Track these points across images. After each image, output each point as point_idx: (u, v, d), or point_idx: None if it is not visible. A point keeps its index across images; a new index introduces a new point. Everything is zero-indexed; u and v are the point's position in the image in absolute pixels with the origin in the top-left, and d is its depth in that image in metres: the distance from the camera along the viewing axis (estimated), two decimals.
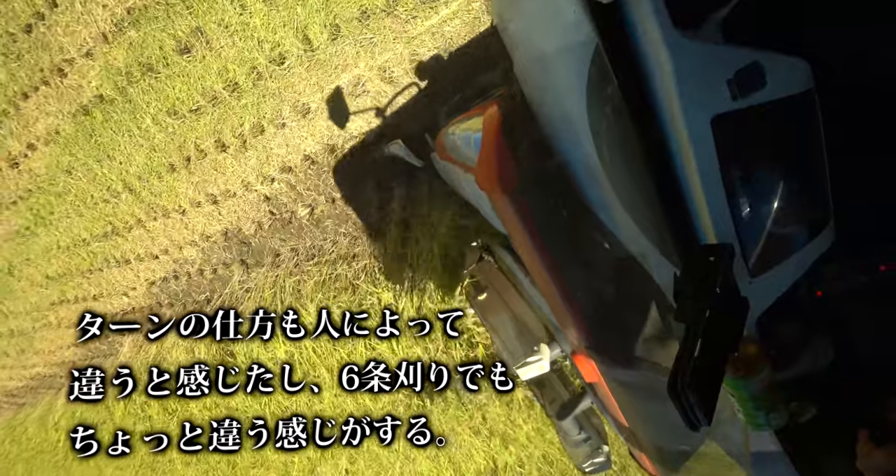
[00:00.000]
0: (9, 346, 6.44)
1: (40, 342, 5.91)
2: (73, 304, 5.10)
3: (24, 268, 5.27)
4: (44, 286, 5.23)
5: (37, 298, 5.46)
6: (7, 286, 5.77)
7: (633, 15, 0.59)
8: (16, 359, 6.47)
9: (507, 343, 1.69)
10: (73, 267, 4.75)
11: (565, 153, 0.86)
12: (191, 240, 3.70)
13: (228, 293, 3.62)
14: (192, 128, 3.11)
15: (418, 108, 2.39)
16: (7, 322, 6.22)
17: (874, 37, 0.77)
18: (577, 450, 1.74)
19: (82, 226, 4.31)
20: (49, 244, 4.77)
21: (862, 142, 0.83)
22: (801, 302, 0.85)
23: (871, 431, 0.77)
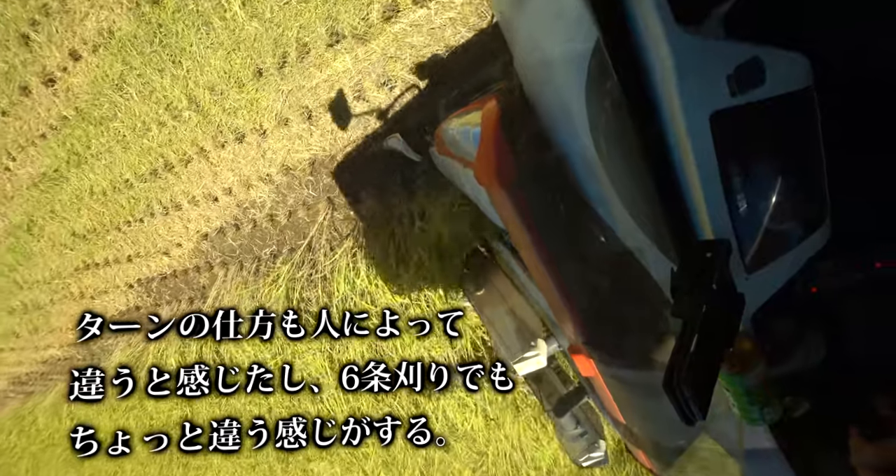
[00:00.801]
0: (20, 324, 5.77)
1: (57, 318, 5.23)
2: (102, 270, 4.49)
3: (47, 223, 4.53)
4: (69, 246, 4.52)
5: (58, 263, 4.75)
6: (24, 248, 4.98)
7: (635, 9, 0.58)
8: (27, 339, 5.81)
9: (504, 338, 1.70)
10: (108, 219, 4.03)
11: (564, 147, 0.86)
12: (265, 174, 2.88)
13: (303, 247, 2.90)
14: (298, 14, 2.27)
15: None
16: (20, 294, 5.51)
17: (874, 32, 0.77)
18: (574, 445, 1.75)
19: (126, 162, 3.51)
20: (80, 190, 3.99)
21: (860, 139, 0.83)
22: (797, 298, 0.85)
23: (862, 427, 0.77)
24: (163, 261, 3.96)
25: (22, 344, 5.99)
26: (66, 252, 4.59)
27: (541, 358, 1.55)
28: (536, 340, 1.56)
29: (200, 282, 3.78)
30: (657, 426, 1.11)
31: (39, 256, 4.90)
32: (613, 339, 1.01)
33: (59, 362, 5.56)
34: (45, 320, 5.43)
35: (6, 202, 4.75)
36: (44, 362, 5.78)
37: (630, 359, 1.01)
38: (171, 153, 3.20)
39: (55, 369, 5.64)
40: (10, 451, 6.56)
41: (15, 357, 6.19)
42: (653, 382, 0.69)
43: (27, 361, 6.04)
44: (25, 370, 6.13)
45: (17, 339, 6.00)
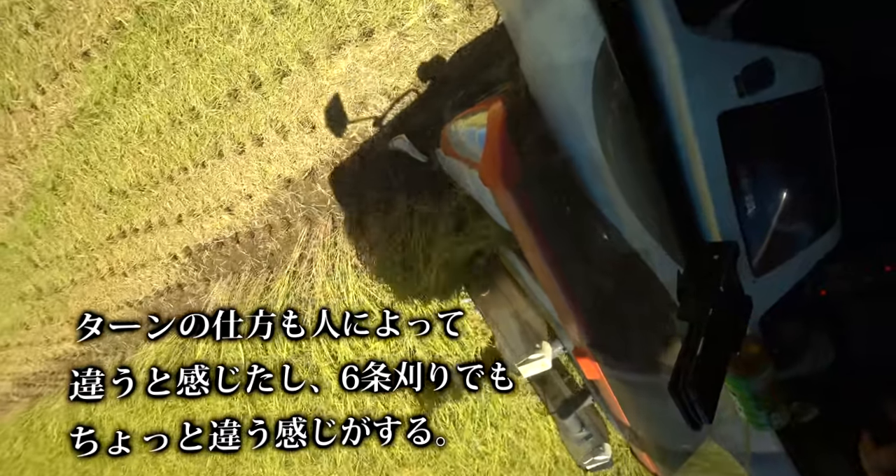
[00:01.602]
0: (32, 313, 4.87)
1: (78, 303, 4.33)
2: (142, 237, 3.59)
3: (77, 178, 3.62)
4: (102, 207, 3.63)
5: (86, 231, 3.86)
6: (45, 214, 4.02)
7: (642, 10, 0.58)
8: (38, 331, 4.93)
9: (509, 340, 1.70)
10: (159, 166, 3.12)
11: (570, 149, 0.86)
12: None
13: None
14: None
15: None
16: (34, 275, 4.57)
17: (884, 32, 0.76)
18: (579, 447, 1.75)
19: (194, 82, 2.64)
20: (126, 129, 3.10)
21: (871, 140, 0.82)
22: (805, 301, 0.84)
23: (873, 431, 0.76)
24: (222, 220, 3.02)
25: (32, 337, 5.14)
26: (98, 216, 3.69)
27: (545, 360, 1.55)
28: (541, 343, 1.56)
29: (268, 247, 2.96)
30: (662, 430, 1.10)
31: (63, 224, 3.97)
32: (618, 342, 1.01)
33: (74, 358, 4.72)
34: (61, 307, 4.57)
35: (28, 154, 3.81)
36: (56, 359, 4.99)
37: (635, 362, 1.00)
38: (262, 63, 2.32)
39: (68, 366, 4.83)
40: (12, 461, 5.82)
41: (22, 354, 5.37)
42: (658, 385, 0.69)
43: (36, 359, 5.23)
44: (33, 369, 5.38)
45: (26, 331, 5.14)
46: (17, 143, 3.90)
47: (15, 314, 5.15)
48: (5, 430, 6.08)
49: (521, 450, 2.58)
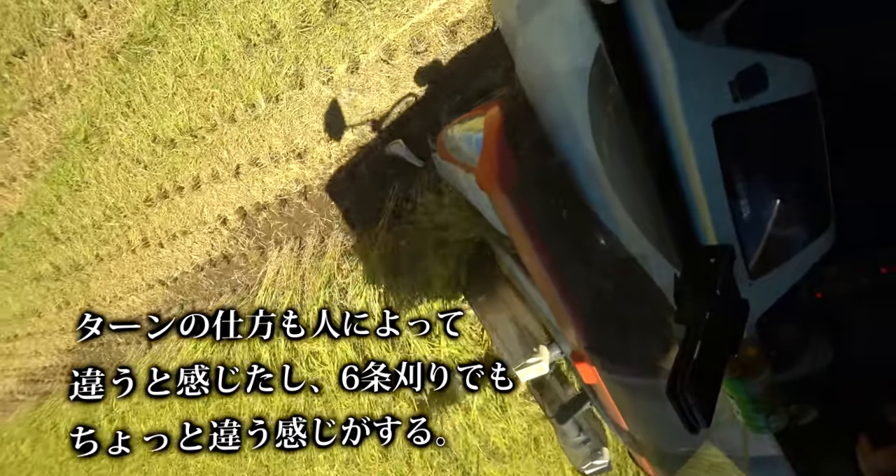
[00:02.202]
0: (46, 297, 4.27)
1: (101, 283, 3.81)
2: (186, 197, 2.97)
3: (115, 126, 3.00)
4: (142, 162, 3.05)
5: (119, 193, 3.24)
6: (72, 171, 3.39)
7: (636, 15, 0.59)
8: (52, 319, 4.33)
9: (506, 344, 1.69)
10: (219, 104, 2.58)
11: (566, 153, 0.86)
12: None
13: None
14: None
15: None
16: (53, 251, 3.94)
17: (877, 37, 0.77)
18: (577, 452, 1.74)
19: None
20: (183, 59, 2.56)
21: (864, 144, 0.83)
22: (802, 304, 0.85)
23: (871, 434, 0.76)
24: (290, 171, 2.47)
25: (44, 326, 4.48)
26: (136, 173, 3.05)
27: (543, 364, 1.54)
28: (539, 347, 1.55)
29: (344, 203, 2.55)
30: (661, 433, 1.10)
31: (93, 185, 3.33)
32: (616, 346, 1.01)
33: (91, 350, 4.12)
34: (81, 289, 3.95)
35: (58, 97, 3.13)
36: (69, 351, 4.37)
37: (633, 365, 1.00)
38: None
39: (84, 360, 4.24)
40: (17, 465, 5.25)
41: (32, 345, 4.71)
42: (656, 389, 0.69)
43: (48, 351, 4.57)
44: (43, 363, 4.72)
45: (37, 319, 4.50)
46: (45, 84, 3.16)
47: (27, 299, 4.46)
48: (10, 432, 5.48)
49: None
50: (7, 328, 4.96)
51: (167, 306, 3.57)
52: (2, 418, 5.69)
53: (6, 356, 5.24)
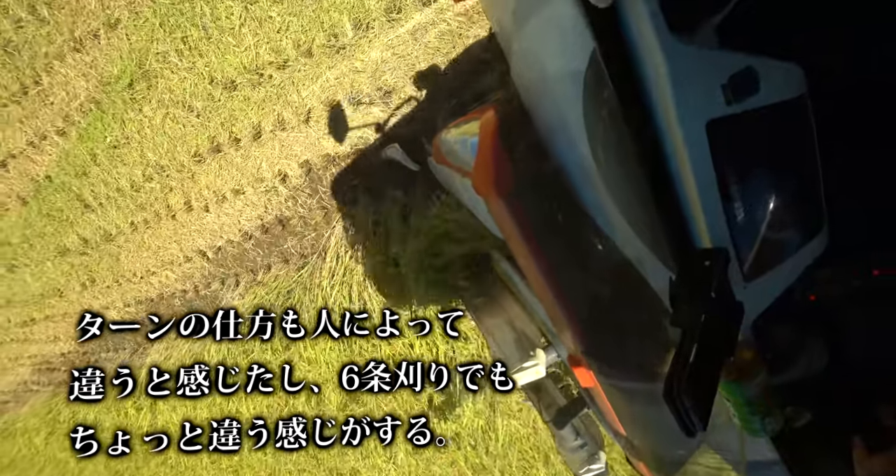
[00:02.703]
0: (69, 274, 3.83)
1: (133, 255, 3.42)
2: (243, 150, 2.62)
3: (166, 67, 2.62)
4: (194, 109, 2.66)
5: (164, 149, 2.83)
6: (111, 125, 2.97)
7: (630, 19, 0.59)
8: (75, 299, 3.90)
9: (503, 348, 1.69)
10: (295, 36, 2.27)
11: (562, 157, 0.86)
12: None
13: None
14: None
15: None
16: (80, 221, 3.50)
17: (871, 36, 0.78)
18: (574, 456, 1.73)
19: None
20: None
21: (856, 146, 0.84)
22: (796, 306, 0.85)
23: (866, 437, 0.77)
24: (371, 113, 2.12)
25: (64, 307, 4.03)
26: (187, 122, 2.62)
27: (539, 368, 1.54)
28: (535, 350, 1.55)
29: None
30: (658, 437, 1.10)
31: (134, 141, 2.88)
32: (613, 349, 1.01)
33: (115, 335, 3.75)
34: (111, 263, 3.52)
35: (103, 35, 2.70)
36: None
37: (630, 369, 1.00)
38: None
39: (107, 345, 3.83)
40: (30, 458, 4.89)
41: (50, 330, 4.25)
42: (653, 392, 0.69)
43: (67, 335, 4.13)
44: (61, 349, 4.27)
45: (59, 299, 4.04)
46: (91, 19, 2.72)
47: (48, 276, 4.01)
48: (24, 423, 5.05)
49: None
50: (24, 311, 4.47)
51: (205, 281, 3.18)
52: (15, 409, 5.27)
53: (21, 342, 4.74)
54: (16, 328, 4.75)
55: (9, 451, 5.23)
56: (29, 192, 3.67)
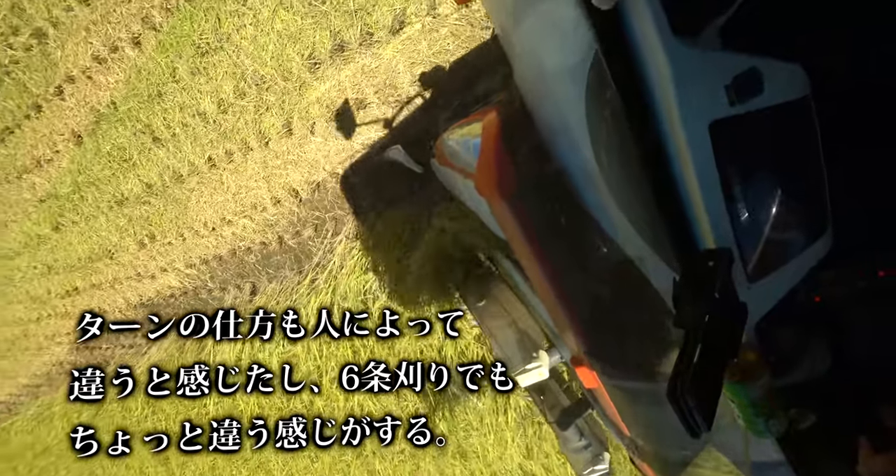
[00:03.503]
0: (125, 230, 3.18)
1: (206, 201, 2.83)
2: (387, 45, 2.11)
3: None
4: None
5: (267, 52, 2.28)
6: (203, 23, 2.39)
7: (633, 21, 0.59)
8: (128, 261, 3.31)
9: (506, 349, 1.69)
10: None
11: (564, 159, 0.86)
12: None
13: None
14: None
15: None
16: (145, 159, 2.86)
17: (874, 37, 0.78)
18: (578, 457, 1.73)
19: None
20: None
21: (860, 147, 0.84)
22: (800, 307, 0.85)
23: (870, 438, 0.76)
24: None
25: (114, 272, 3.36)
26: (307, 14, 2.09)
27: (543, 369, 1.54)
28: (538, 352, 1.55)
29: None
30: (662, 438, 1.09)
31: (230, 42, 2.36)
32: (616, 350, 1.01)
33: (171, 300, 3.15)
34: (176, 213, 2.90)
35: None
36: (142, 304, 3.24)
37: (633, 369, 1.00)
38: None
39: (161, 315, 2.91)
40: (67, 445, 4.72)
41: (95, 299, 3.59)
42: (657, 393, 0.69)
43: (114, 305, 3.44)
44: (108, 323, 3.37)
45: (108, 262, 3.35)
46: None
47: (99, 235, 3.33)
48: (62, 407, 4.41)
49: None
50: (67, 278, 3.80)
51: (293, 229, 2.62)
52: (49, 392, 4.74)
53: (60, 316, 4.06)
54: (56, 300, 4.08)
55: (44, 436, 4.78)
56: (86, 126, 2.95)
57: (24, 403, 5.27)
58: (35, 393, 5.09)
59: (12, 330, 4.76)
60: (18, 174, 3.44)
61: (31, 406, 5.14)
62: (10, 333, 4.84)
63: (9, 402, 5.51)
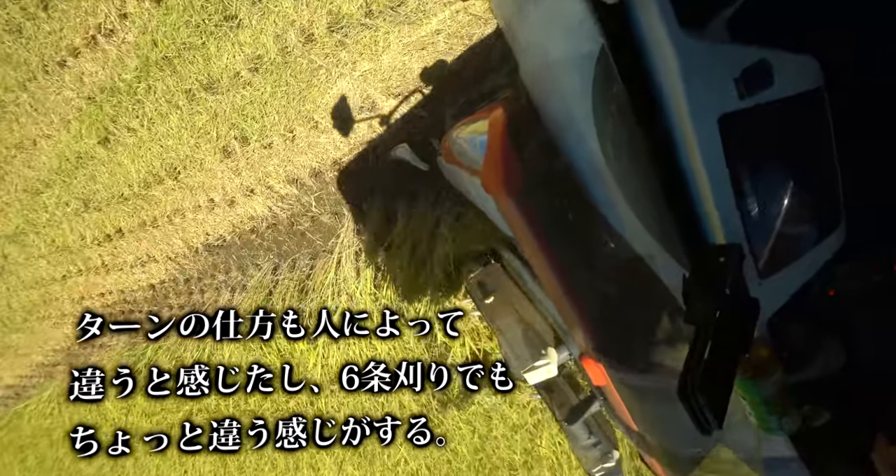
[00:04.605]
0: (204, 132, 2.39)
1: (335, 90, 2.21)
2: None
3: None
4: None
5: None
6: None
7: (639, 14, 0.58)
8: (199, 184, 2.55)
9: (514, 347, 1.69)
10: None
11: (571, 154, 0.86)
12: None
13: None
14: None
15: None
16: (262, 17, 2.16)
17: (884, 31, 0.76)
18: (587, 454, 1.73)
19: None
20: None
21: (874, 139, 0.82)
22: (814, 303, 0.84)
23: (887, 432, 0.75)
24: None
25: (175, 202, 2.63)
26: None
27: (551, 366, 1.54)
28: (547, 349, 1.55)
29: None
30: (671, 435, 1.09)
31: None
32: (625, 347, 1.00)
33: (250, 238, 2.55)
34: (291, 99, 2.28)
35: None
36: (208, 247, 2.63)
37: (642, 366, 1.00)
38: None
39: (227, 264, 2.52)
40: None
41: (144, 244, 2.83)
42: (667, 390, 0.68)
43: (165, 254, 2.78)
44: (152, 277, 2.80)
45: (170, 185, 2.62)
46: None
47: (166, 143, 2.46)
48: None
49: None
50: (108, 216, 2.86)
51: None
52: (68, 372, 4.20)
53: (94, 271, 3.08)
54: (90, 249, 3.13)
55: (65, 422, 4.14)
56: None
57: (39, 385, 4.61)
58: (51, 373, 4.39)
59: (30, 294, 3.78)
60: (62, 59, 2.46)
61: (49, 387, 4.47)
62: (26, 299, 3.86)
63: (17, 386, 4.91)
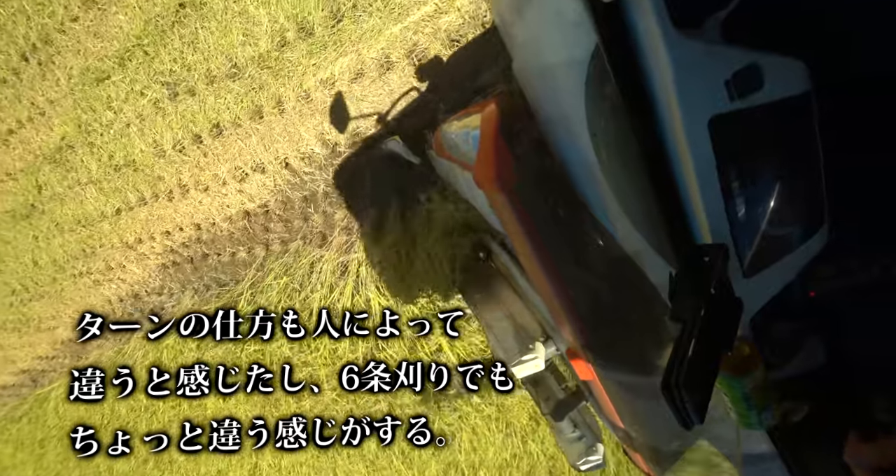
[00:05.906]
0: (249, 88, 2.32)
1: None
2: None
3: None
4: None
5: None
6: None
7: (634, 14, 0.59)
8: (226, 145, 2.46)
9: (502, 341, 1.70)
10: None
11: (563, 151, 0.86)
12: None
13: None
14: None
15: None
16: None
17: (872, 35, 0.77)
18: (572, 448, 1.75)
19: None
20: None
21: (857, 144, 0.84)
22: (795, 302, 0.86)
23: (859, 430, 0.77)
24: None
25: (214, 163, 2.51)
26: None
27: (538, 361, 1.55)
28: (534, 344, 1.56)
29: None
30: (655, 430, 1.11)
31: None
32: (611, 343, 1.01)
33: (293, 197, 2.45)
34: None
35: None
36: (243, 216, 2.54)
37: (628, 362, 1.01)
38: None
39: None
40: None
41: (172, 211, 2.68)
42: (651, 386, 0.69)
43: (197, 219, 2.65)
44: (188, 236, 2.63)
45: (192, 151, 2.54)
46: None
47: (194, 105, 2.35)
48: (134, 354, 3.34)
49: None
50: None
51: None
52: (103, 347, 3.72)
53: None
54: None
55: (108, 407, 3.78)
56: None
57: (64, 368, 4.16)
58: (78, 353, 4.00)
59: (66, 241, 3.42)
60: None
61: None
62: (60, 249, 3.42)
63: (34, 371, 4.43)
